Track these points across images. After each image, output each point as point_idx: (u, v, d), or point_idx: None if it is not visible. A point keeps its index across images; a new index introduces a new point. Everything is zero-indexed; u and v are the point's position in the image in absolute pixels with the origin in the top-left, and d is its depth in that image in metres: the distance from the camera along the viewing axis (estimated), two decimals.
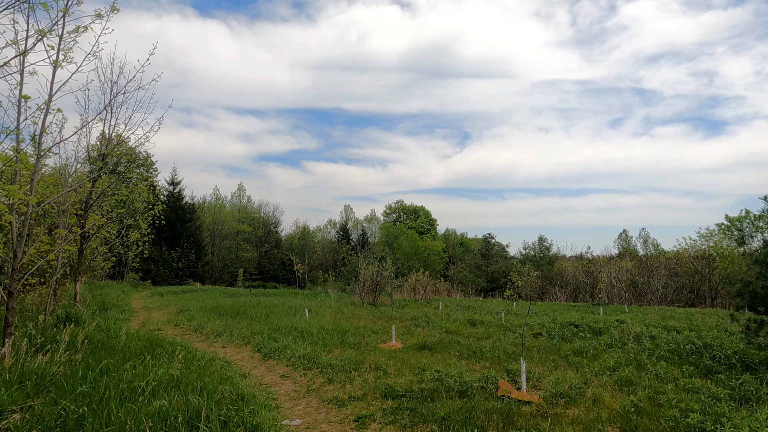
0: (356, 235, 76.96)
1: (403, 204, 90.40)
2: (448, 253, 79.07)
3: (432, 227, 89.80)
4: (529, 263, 38.79)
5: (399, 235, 68.71)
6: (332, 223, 79.28)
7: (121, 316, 14.30)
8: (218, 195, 54.82)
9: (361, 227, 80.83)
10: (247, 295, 23.45)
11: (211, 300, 18.83)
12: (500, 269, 44.33)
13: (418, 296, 21.96)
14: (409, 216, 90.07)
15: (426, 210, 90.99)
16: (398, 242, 67.27)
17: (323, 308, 16.41)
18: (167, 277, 39.59)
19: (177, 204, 43.68)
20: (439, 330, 11.94)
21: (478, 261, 46.45)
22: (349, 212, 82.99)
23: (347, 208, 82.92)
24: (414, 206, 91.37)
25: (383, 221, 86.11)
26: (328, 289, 51.29)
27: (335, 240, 73.60)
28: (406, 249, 65.97)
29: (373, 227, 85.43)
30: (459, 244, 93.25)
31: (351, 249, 69.63)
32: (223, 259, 50.33)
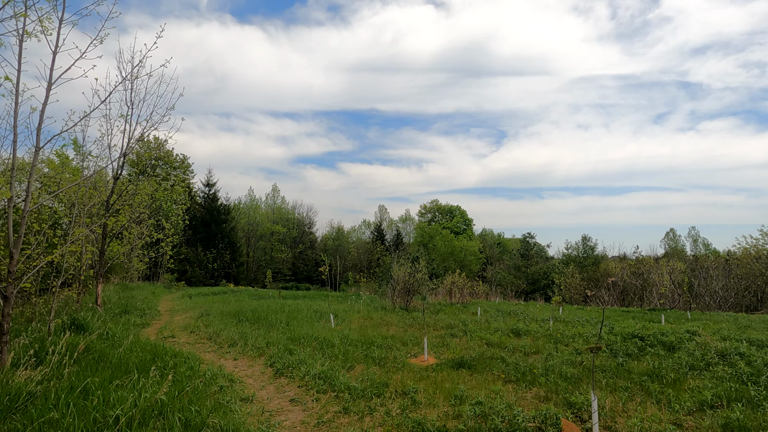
0: (391, 235, 75.79)
1: (438, 204, 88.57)
2: (485, 253, 76.72)
3: (468, 227, 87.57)
4: (572, 264, 36.36)
5: (434, 236, 66.98)
6: (366, 224, 78.39)
7: (139, 321, 13.47)
8: (253, 196, 54.78)
9: (395, 227, 79.59)
10: (275, 297, 22.49)
11: (236, 303, 17.88)
12: (541, 270, 41.99)
13: (453, 300, 20.38)
14: (444, 216, 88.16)
15: (462, 210, 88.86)
16: (433, 242, 65.57)
17: (351, 313, 15.11)
18: (203, 278, 39.45)
19: (212, 205, 43.63)
20: (478, 341, 10.38)
21: (517, 262, 44.21)
22: (384, 212, 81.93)
23: (381, 209, 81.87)
24: (449, 206, 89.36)
25: (418, 221, 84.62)
26: (360, 290, 50.24)
27: (369, 240, 72.67)
28: (442, 249, 64.22)
29: (408, 227, 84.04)
30: (496, 244, 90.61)
31: (385, 250, 68.51)
32: (257, 260, 50.08)
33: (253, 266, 49.46)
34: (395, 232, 76.38)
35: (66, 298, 17.00)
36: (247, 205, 53.83)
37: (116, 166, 15.29)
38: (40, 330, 9.83)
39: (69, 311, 11.84)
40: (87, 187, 16.30)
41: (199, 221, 41.84)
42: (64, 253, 11.00)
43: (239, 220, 49.43)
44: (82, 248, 15.93)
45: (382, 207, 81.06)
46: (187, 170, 46.52)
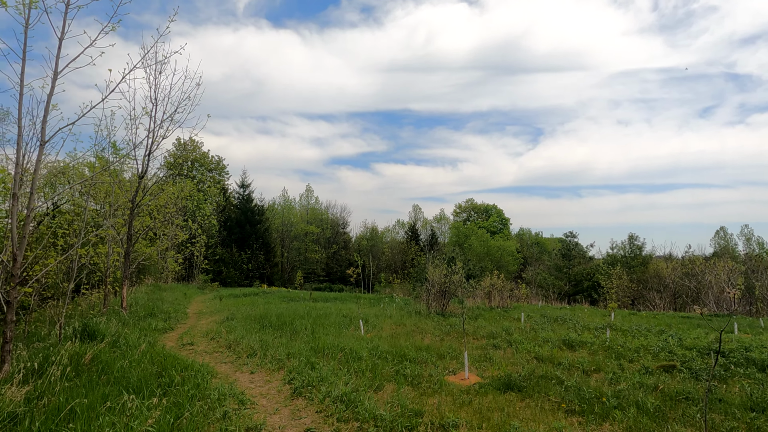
0: (425, 235, 74.34)
1: (474, 203, 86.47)
2: (523, 253, 74.18)
3: (504, 226, 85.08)
4: (619, 265, 34.02)
5: (469, 235, 65.10)
6: (400, 224, 77.18)
7: (162, 325, 12.77)
8: (287, 197, 54.58)
9: (430, 227, 78.10)
10: (306, 299, 21.64)
11: (263, 306, 17.08)
12: (584, 271, 39.66)
13: (493, 303, 18.93)
14: (480, 215, 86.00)
15: (498, 209, 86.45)
16: (469, 242, 63.72)
17: (382, 319, 13.98)
18: (237, 279, 39.29)
19: (247, 206, 43.52)
20: (526, 355, 9.03)
21: (558, 262, 41.98)
22: (418, 212, 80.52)
23: (416, 208, 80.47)
24: (485, 205, 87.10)
25: (453, 221, 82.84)
26: (394, 292, 49.12)
27: (403, 241, 71.48)
28: (477, 249, 62.29)
29: (443, 227, 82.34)
30: (534, 244, 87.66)
31: (419, 250, 67.13)
32: (291, 260, 49.77)
33: (287, 267, 49.17)
34: (430, 232, 74.88)
35: (92, 301, 16.67)
36: (281, 206, 53.69)
37: (141, 165, 14.75)
38: (51, 337, 9.19)
39: (82, 317, 11.19)
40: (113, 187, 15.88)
41: (234, 222, 41.78)
42: (74, 255, 10.37)
43: (273, 220, 49.26)
44: (108, 249, 15.50)
45: (416, 206, 79.68)
46: (222, 172, 46.68)
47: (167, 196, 17.07)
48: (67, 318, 11.18)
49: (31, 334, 10.23)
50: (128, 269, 14.44)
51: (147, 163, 14.76)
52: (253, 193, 44.57)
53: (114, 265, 15.60)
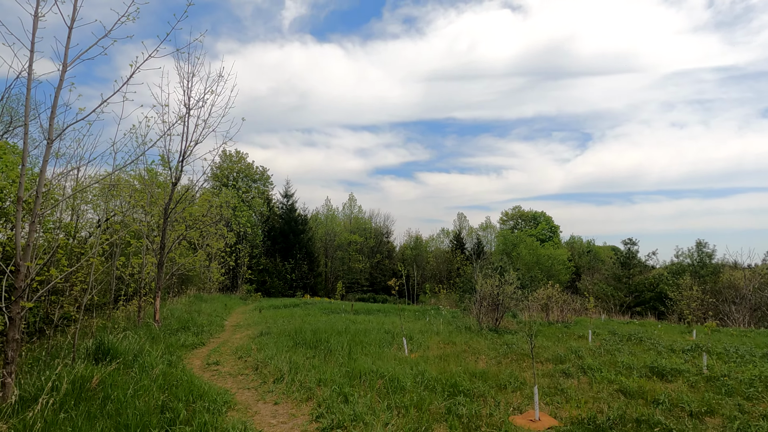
0: (471, 244, 72.01)
1: (521, 210, 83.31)
2: (574, 262, 70.31)
3: (554, 234, 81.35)
4: (687, 274, 30.80)
5: (518, 244, 62.24)
6: (445, 232, 75.19)
7: (192, 340, 11.84)
8: (330, 206, 54.03)
9: (476, 236, 75.64)
10: (347, 311, 20.42)
11: (300, 319, 15.98)
12: (645, 281, 36.39)
13: (551, 317, 16.96)
14: (527, 223, 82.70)
15: (547, 216, 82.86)
16: (517, 251, 60.90)
17: (429, 335, 12.47)
18: (281, 289, 38.79)
19: (290, 216, 43.17)
20: (607, 387, 7.29)
21: (616, 271, 38.81)
22: (463, 220, 78.31)
23: (461, 216, 78.32)
24: (533, 212, 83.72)
25: (499, 229, 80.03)
26: (440, 303, 47.25)
27: (448, 250, 69.52)
28: (526, 258, 59.41)
29: (489, 236, 79.64)
30: (586, 252, 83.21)
31: (465, 259, 64.98)
32: (335, 270, 48.98)
33: (330, 276, 48.42)
34: (475, 240, 72.44)
35: (130, 313, 16.14)
36: (325, 215, 53.19)
37: (175, 172, 14.06)
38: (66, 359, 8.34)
39: (111, 330, 10.38)
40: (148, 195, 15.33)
41: (278, 232, 41.48)
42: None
43: (317, 230, 48.75)
44: (143, 260, 14.91)
45: (461, 215, 77.52)
46: (266, 182, 46.75)
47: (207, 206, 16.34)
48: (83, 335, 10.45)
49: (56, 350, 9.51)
50: (161, 280, 13.70)
51: (180, 170, 14.06)
52: (296, 203, 44.24)
53: (149, 276, 15.00)
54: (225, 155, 43.99)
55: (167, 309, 16.91)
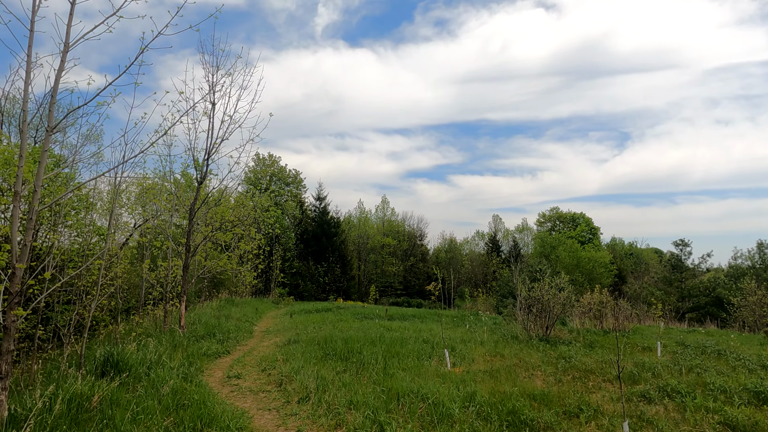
0: (507, 246, 69.73)
1: (559, 212, 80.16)
2: (617, 265, 66.88)
3: (594, 236, 77.78)
4: (749, 277, 28.05)
5: (557, 246, 59.56)
6: (480, 235, 73.13)
7: (216, 348, 10.95)
8: (363, 209, 53.13)
9: (512, 238, 73.26)
10: (381, 316, 19.27)
11: (331, 326, 14.95)
12: (700, 285, 33.62)
13: (605, 325, 15.29)
14: (566, 224, 79.48)
15: (586, 217, 79.39)
16: (556, 253, 58.30)
17: (472, 345, 11.16)
18: (314, 292, 38.07)
19: (323, 219, 42.50)
20: (707, 418, 5.82)
21: (666, 274, 36.12)
22: (498, 222, 76.05)
23: (496, 218, 76.09)
24: (571, 213, 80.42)
25: (536, 231, 77.28)
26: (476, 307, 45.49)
27: (484, 252, 67.48)
28: (566, 261, 56.75)
29: (526, 238, 77.06)
30: (628, 254, 79.32)
31: (502, 262, 62.81)
32: (368, 273, 47.99)
33: (363, 280, 47.45)
34: (512, 243, 70.07)
35: (158, 317, 15.55)
36: (358, 218, 52.34)
37: (200, 170, 13.32)
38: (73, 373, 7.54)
39: (111, 343, 9.61)
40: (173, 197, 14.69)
41: (311, 235, 40.85)
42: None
43: (350, 233, 47.94)
44: (169, 263, 14.26)
45: (496, 216, 75.27)
46: (299, 185, 46.32)
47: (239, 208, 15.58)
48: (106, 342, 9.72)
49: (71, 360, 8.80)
50: (187, 284, 12.95)
51: (206, 168, 13.30)
52: (328, 205, 43.53)
53: (175, 280, 14.34)
54: (258, 159, 43.84)
55: (195, 314, 16.25)
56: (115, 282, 14.76)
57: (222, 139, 13.31)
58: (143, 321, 15.47)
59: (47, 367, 8.30)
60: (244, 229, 15.85)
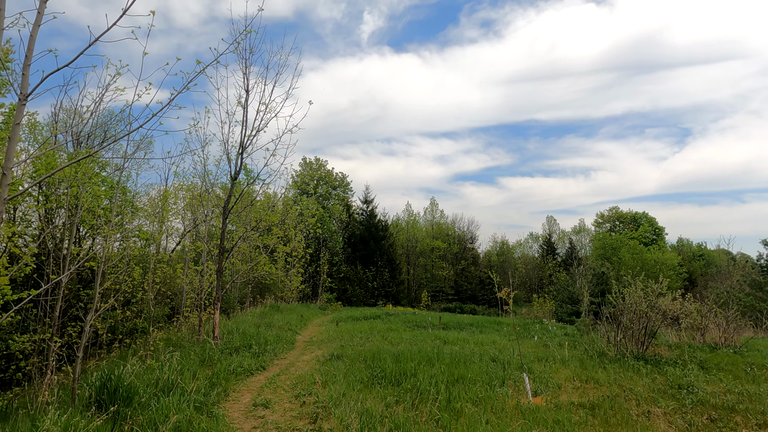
0: (563, 249, 65.55)
1: (619, 211, 74.85)
2: (685, 267, 61.10)
3: (658, 237, 71.88)
4: None
5: (618, 247, 55.15)
6: (534, 237, 69.26)
7: (249, 364, 9.42)
8: (411, 211, 51.22)
9: (568, 240, 68.88)
10: (434, 324, 17.28)
11: (381, 336, 13.17)
12: None
13: (707, 338, 12.56)
14: (626, 225, 74.05)
15: (649, 217, 73.61)
16: (618, 255, 53.94)
17: (551, 364, 8.99)
18: (362, 297, 36.59)
19: (370, 222, 41.03)
20: None
21: (756, 277, 31.69)
22: (553, 224, 71.87)
23: (550, 220, 71.98)
24: (632, 213, 74.86)
25: (594, 232, 72.47)
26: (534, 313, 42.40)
27: (538, 255, 63.77)
28: (630, 263, 52.25)
29: (583, 239, 72.27)
30: (697, 256, 72.70)
31: (557, 265, 58.99)
32: (418, 277, 45.99)
33: (413, 284, 45.48)
34: (568, 244, 65.82)
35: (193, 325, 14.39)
36: (406, 221, 50.50)
37: (234, 165, 11.97)
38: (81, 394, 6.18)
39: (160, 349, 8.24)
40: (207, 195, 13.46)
41: (358, 239, 39.45)
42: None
43: (398, 236, 46.17)
44: (203, 267, 13.01)
45: (550, 218, 71.16)
46: (346, 189, 45.19)
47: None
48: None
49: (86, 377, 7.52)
50: (221, 290, 11.57)
51: (240, 163, 11.93)
52: (376, 208, 42.02)
53: (211, 286, 13.09)
54: (305, 163, 43.11)
55: (235, 322, 14.98)
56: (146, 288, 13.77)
57: (257, 130, 11.92)
58: (180, 330, 14.39)
59: (49, 393, 7.01)
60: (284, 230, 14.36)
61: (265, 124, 11.93)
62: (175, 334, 13.86)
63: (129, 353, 11.78)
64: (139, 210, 19.16)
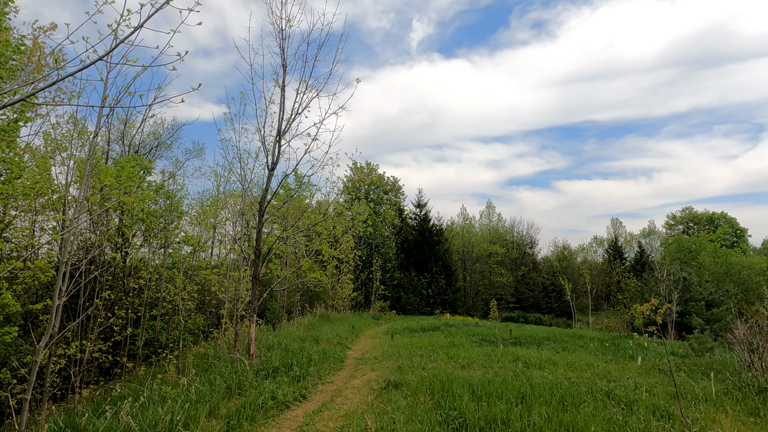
0: (632, 253, 59.88)
1: (693, 212, 67.85)
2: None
3: (740, 239, 64.30)
4: None
5: (697, 250, 49.32)
6: (598, 241, 63.82)
7: (286, 393, 7.38)
8: (466, 215, 48.20)
9: (636, 243, 62.95)
10: (504, 339, 14.62)
11: (445, 354, 10.78)
12: None
13: None
14: (701, 226, 66.91)
15: (728, 217, 66.17)
16: (698, 259, 48.21)
17: (694, 404, 6.25)
18: (417, 305, 34.16)
19: (424, 226, 38.61)
20: None
21: None
22: (618, 227, 66.11)
23: (615, 222, 66.33)
24: (708, 214, 67.59)
25: (665, 234, 66.02)
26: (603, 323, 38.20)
27: (604, 260, 58.51)
28: (712, 268, 46.58)
29: (653, 243, 65.89)
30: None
31: (626, 270, 53.67)
32: (475, 284, 42.90)
33: (470, 291, 42.44)
34: (636, 248, 60.02)
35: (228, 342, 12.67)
36: (461, 226, 47.57)
37: (271, 153, 10.13)
38: None
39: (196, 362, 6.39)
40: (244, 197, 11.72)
41: (411, 244, 37.13)
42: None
43: (453, 241, 43.39)
44: (240, 273, 11.24)
45: (615, 220, 65.55)
46: (398, 193, 43.14)
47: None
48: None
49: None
50: (257, 299, 9.67)
51: (278, 151, 10.07)
52: (430, 212, 39.57)
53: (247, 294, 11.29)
54: (355, 167, 41.53)
55: (278, 334, 13.13)
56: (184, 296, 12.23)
57: (296, 113, 10.03)
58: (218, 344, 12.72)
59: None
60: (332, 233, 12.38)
61: (305, 105, 10.03)
62: (213, 348, 12.20)
63: (154, 373, 10.18)
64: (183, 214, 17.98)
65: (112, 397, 7.19)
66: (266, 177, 10.04)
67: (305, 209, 12.72)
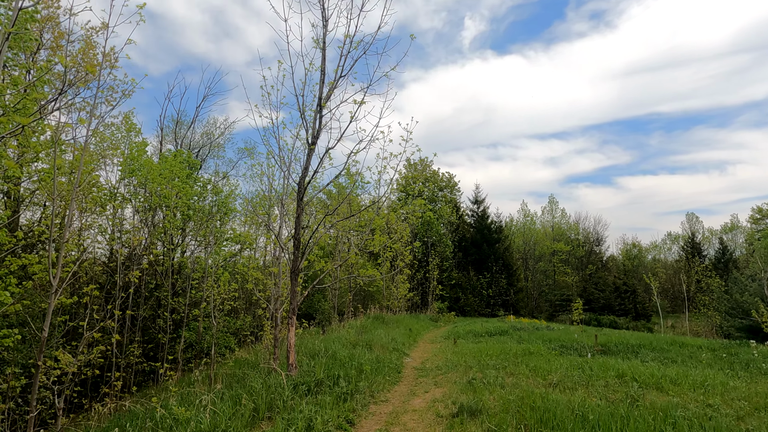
0: (712, 250, 53.52)
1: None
2: None
3: None
4: None
5: None
6: (673, 237, 57.69)
7: (324, 420, 5.61)
8: (527, 211, 44.77)
9: (717, 240, 56.25)
10: (590, 346, 12.06)
11: (525, 364, 8.56)
12: None
13: None
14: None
15: None
16: None
17: None
18: (477, 306, 31.62)
19: (482, 223, 35.99)
20: None
21: None
22: (695, 223, 59.45)
23: (691, 218, 59.71)
24: None
25: (750, 229, 58.54)
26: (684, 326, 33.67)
27: (681, 258, 52.64)
28: None
29: (737, 238, 58.72)
30: None
31: (706, 269, 47.78)
32: (538, 284, 39.53)
33: (533, 292, 39.14)
34: (717, 245, 53.53)
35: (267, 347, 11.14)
36: (521, 222, 44.22)
37: (312, 126, 8.45)
38: None
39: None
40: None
41: (469, 242, 34.65)
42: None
43: (513, 239, 40.28)
44: (279, 270, 9.65)
45: (691, 215, 58.99)
46: (453, 189, 40.75)
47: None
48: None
49: None
50: (295, 298, 7.99)
51: (320, 123, 8.36)
52: (488, 208, 36.89)
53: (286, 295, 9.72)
54: (409, 164, 39.65)
55: (326, 338, 11.49)
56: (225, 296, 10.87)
57: (340, 76, 8.29)
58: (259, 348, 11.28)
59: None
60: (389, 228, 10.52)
61: (350, 67, 8.26)
62: (254, 353, 10.75)
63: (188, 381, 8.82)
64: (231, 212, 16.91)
65: (121, 420, 5.74)
66: (306, 153, 8.37)
67: (359, 207, 11.02)
